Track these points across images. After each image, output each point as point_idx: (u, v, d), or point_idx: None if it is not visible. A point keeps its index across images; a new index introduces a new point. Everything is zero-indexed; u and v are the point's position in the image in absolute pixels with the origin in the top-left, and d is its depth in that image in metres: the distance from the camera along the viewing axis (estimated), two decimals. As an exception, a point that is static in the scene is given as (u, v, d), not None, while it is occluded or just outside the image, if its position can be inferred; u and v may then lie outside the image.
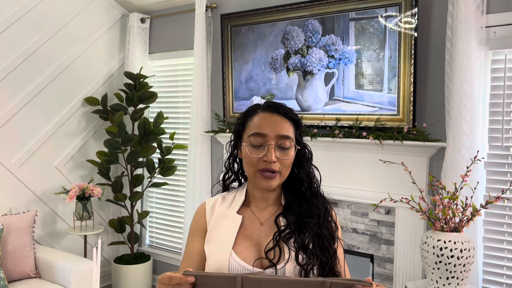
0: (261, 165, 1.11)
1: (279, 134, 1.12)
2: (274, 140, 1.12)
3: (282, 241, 1.10)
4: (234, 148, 1.23)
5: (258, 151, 1.12)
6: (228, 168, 1.26)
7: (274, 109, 1.16)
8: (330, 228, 1.16)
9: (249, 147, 1.13)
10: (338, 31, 2.68)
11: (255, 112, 1.18)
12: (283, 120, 1.15)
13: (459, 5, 2.24)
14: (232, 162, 1.25)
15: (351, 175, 2.69)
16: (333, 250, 1.12)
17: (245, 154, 1.15)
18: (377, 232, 2.66)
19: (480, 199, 2.30)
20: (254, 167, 1.12)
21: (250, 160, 1.13)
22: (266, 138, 1.12)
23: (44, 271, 2.83)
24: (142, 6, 3.76)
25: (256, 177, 1.13)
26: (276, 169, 1.11)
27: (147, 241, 3.94)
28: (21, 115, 3.19)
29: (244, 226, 1.16)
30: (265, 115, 1.15)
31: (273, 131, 1.12)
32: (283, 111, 1.16)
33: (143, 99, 3.54)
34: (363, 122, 2.62)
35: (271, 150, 1.11)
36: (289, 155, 1.13)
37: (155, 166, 3.58)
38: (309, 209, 1.15)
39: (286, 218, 1.14)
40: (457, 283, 2.00)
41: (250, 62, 3.08)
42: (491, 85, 2.33)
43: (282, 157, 1.12)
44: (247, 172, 1.16)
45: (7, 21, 3.09)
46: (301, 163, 1.19)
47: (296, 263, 1.07)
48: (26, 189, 3.23)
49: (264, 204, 1.19)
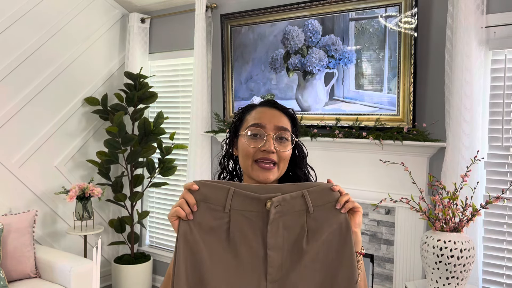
0: (258, 155, 1.10)
1: (277, 125, 1.12)
2: (273, 131, 1.12)
3: None
4: (229, 146, 1.22)
5: (256, 142, 1.11)
6: (223, 167, 1.25)
7: (272, 104, 1.18)
8: None
9: (247, 138, 1.12)
10: (338, 31, 2.68)
11: (253, 107, 1.19)
12: (281, 114, 1.16)
13: (459, 5, 2.24)
14: (227, 161, 1.24)
15: (351, 175, 2.69)
16: None
17: (242, 146, 1.14)
18: (377, 232, 2.66)
19: (480, 199, 2.29)
20: (251, 158, 1.11)
21: (247, 151, 1.11)
22: (264, 129, 1.11)
23: (44, 271, 2.83)
24: (142, 6, 3.76)
25: (253, 168, 1.11)
26: (274, 160, 1.10)
27: (147, 241, 3.94)
28: (21, 115, 3.19)
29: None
30: (263, 109, 1.16)
31: (271, 122, 1.12)
32: (281, 106, 1.18)
33: (143, 99, 3.55)
34: (363, 122, 2.62)
35: (269, 140, 1.10)
36: (287, 148, 1.13)
37: (155, 166, 3.58)
38: None
39: None
40: (457, 283, 2.00)
41: (250, 62, 3.08)
42: (491, 85, 2.33)
43: (280, 149, 1.11)
44: (243, 165, 1.15)
45: (7, 21, 3.09)
46: (298, 162, 1.19)
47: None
48: (26, 189, 3.23)
49: None
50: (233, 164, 1.25)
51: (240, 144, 1.15)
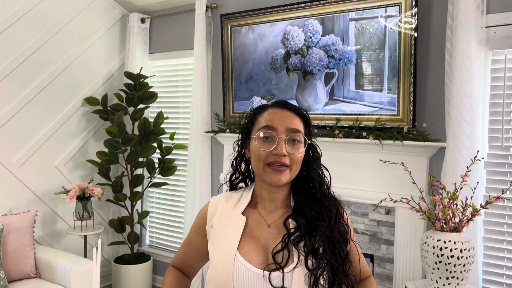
0: (270, 159, 1.08)
1: (289, 128, 1.10)
2: (285, 133, 1.10)
3: (291, 244, 1.07)
4: (241, 147, 1.21)
5: (268, 145, 1.09)
6: (236, 168, 1.24)
7: (284, 105, 1.15)
8: (342, 230, 1.13)
9: (258, 141, 1.10)
10: (338, 31, 2.68)
11: (264, 109, 1.17)
12: (293, 115, 1.14)
13: (459, 5, 2.24)
14: (239, 163, 1.23)
15: (351, 175, 2.69)
16: (345, 254, 1.10)
17: (253, 149, 1.12)
18: (377, 232, 2.66)
19: (480, 199, 2.29)
20: (263, 162, 1.09)
21: (259, 154, 1.09)
22: (276, 132, 1.09)
23: (44, 271, 2.83)
24: (142, 6, 3.76)
25: (265, 171, 1.09)
26: (286, 163, 1.08)
27: (147, 241, 3.94)
28: (22, 115, 3.19)
29: (250, 227, 1.13)
30: (275, 110, 1.14)
31: (283, 124, 1.10)
32: (293, 107, 1.15)
33: (143, 99, 3.55)
34: (363, 122, 2.62)
35: (281, 143, 1.08)
36: (299, 150, 1.11)
37: (155, 166, 3.58)
38: (320, 212, 1.12)
39: (296, 220, 1.11)
40: (457, 283, 2.00)
41: (250, 62, 3.08)
42: (491, 85, 2.33)
43: (292, 151, 1.09)
44: (255, 168, 1.13)
45: (7, 21, 3.09)
46: (311, 163, 1.17)
47: (305, 268, 1.04)
48: (26, 189, 3.23)
49: (273, 206, 1.16)
50: (245, 166, 1.23)
51: (252, 146, 1.14)
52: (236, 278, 1.05)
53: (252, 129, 1.15)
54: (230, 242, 1.10)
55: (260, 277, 1.05)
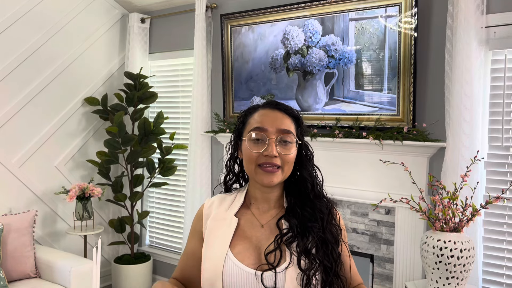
0: (261, 160, 1.09)
1: (279, 128, 1.10)
2: (275, 134, 1.09)
3: (284, 244, 1.08)
4: (234, 149, 1.21)
5: (259, 146, 1.09)
6: (229, 169, 1.23)
7: (275, 105, 1.15)
8: (334, 231, 1.13)
9: (249, 143, 1.10)
10: (338, 31, 2.68)
11: (255, 110, 1.17)
12: (283, 116, 1.13)
13: (459, 5, 2.24)
14: (232, 164, 1.23)
15: (351, 175, 2.69)
16: (337, 254, 1.10)
17: (245, 150, 1.12)
18: (377, 232, 2.66)
19: (480, 199, 2.29)
20: (254, 163, 1.09)
21: (250, 156, 1.10)
22: (266, 133, 1.09)
23: (44, 271, 2.83)
24: (142, 6, 3.76)
25: (257, 172, 1.10)
26: (278, 164, 1.08)
27: (147, 241, 3.94)
28: (22, 115, 3.19)
29: (243, 228, 1.13)
30: (265, 111, 1.14)
31: (273, 125, 1.10)
32: (283, 107, 1.15)
33: (143, 99, 3.54)
34: (363, 122, 2.62)
35: (272, 145, 1.08)
36: (291, 151, 1.11)
37: (155, 166, 3.58)
38: (313, 213, 1.12)
39: (288, 221, 1.11)
40: (457, 283, 2.00)
41: (250, 62, 3.08)
42: (491, 85, 2.33)
43: (283, 152, 1.09)
44: (247, 169, 1.13)
45: (7, 21, 3.09)
46: (304, 163, 1.17)
47: (298, 268, 1.05)
48: (26, 189, 3.23)
49: (266, 206, 1.16)
50: (239, 167, 1.23)
51: (243, 148, 1.14)
52: (228, 278, 1.05)
53: (244, 131, 1.16)
54: (222, 243, 1.10)
55: (252, 277, 1.05)
